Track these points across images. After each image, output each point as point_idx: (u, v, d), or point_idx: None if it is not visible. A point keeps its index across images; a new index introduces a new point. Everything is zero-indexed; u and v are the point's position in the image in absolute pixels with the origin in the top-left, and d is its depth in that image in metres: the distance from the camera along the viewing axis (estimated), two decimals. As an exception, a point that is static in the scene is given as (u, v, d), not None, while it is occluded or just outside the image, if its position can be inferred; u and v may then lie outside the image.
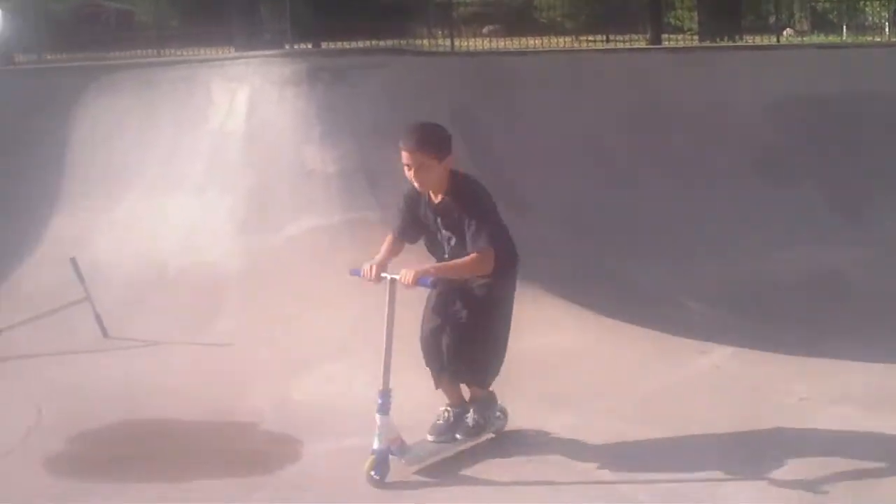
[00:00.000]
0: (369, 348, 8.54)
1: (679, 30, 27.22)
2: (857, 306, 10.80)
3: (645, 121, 13.89)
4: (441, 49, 18.84)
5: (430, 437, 6.65)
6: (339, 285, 9.74)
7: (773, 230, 12.93)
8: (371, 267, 6.46)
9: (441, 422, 6.72)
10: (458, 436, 6.67)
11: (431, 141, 6.31)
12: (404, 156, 6.29)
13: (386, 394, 6.24)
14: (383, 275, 6.39)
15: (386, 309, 6.40)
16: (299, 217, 10.86)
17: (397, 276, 6.22)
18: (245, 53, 14.73)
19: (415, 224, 6.66)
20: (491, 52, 19.06)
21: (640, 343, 8.83)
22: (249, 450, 7.05)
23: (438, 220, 6.50)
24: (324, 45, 18.96)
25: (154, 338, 9.39)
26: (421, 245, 6.77)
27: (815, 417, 6.96)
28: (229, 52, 16.97)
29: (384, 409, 6.22)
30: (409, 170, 6.29)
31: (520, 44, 20.96)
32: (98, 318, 9.51)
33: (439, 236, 6.58)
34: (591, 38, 23.00)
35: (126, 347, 9.34)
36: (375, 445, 6.21)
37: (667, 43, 21.79)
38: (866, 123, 14.89)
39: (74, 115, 12.66)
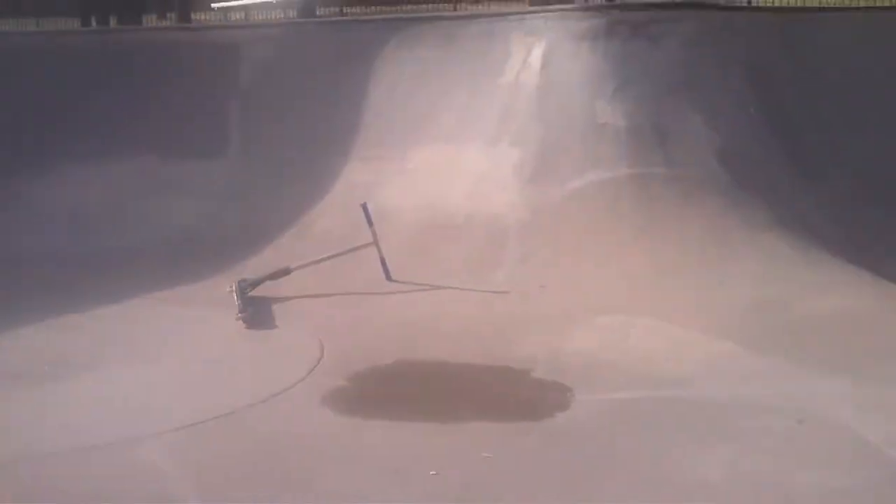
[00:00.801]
0: (645, 304, 8.70)
1: None
2: None
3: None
4: (740, 3, 18.09)
5: None
6: (617, 239, 9.86)
7: None
8: None
9: None
10: None
11: None
12: None
13: None
14: None
15: None
16: (585, 170, 10.82)
17: None
18: (544, 7, 14.71)
19: None
20: (794, 9, 18.21)
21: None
22: (520, 396, 7.18)
23: None
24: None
25: (435, 283, 9.63)
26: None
27: None
28: (525, 6, 16.98)
29: None
30: None
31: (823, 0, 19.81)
32: (383, 262, 9.83)
33: None
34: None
35: (407, 291, 9.62)
36: None
37: None
38: None
39: (375, 67, 12.96)
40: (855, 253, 9.77)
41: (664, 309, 8.51)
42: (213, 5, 18.26)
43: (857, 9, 16.54)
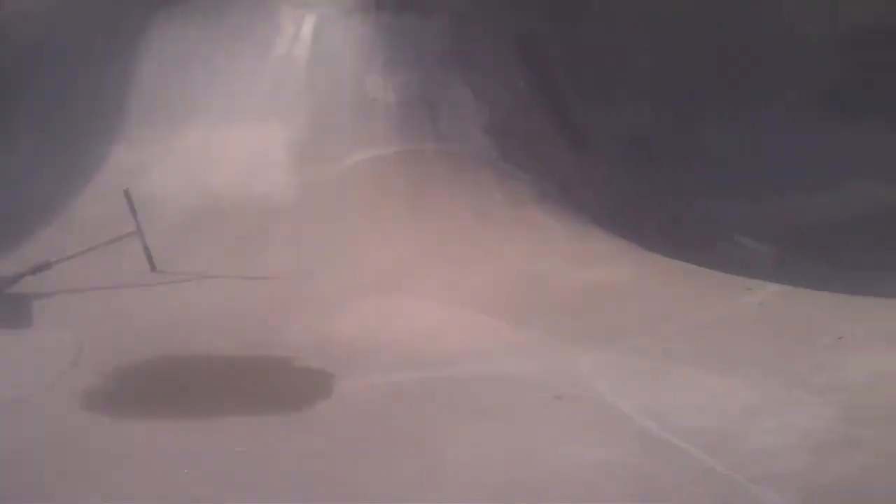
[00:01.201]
0: (413, 283, 8.74)
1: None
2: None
3: (705, 49, 13.50)
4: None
5: None
6: (388, 217, 9.87)
7: (837, 166, 12.55)
8: None
9: None
10: None
11: None
12: None
13: None
14: None
15: None
16: (357, 147, 10.78)
17: None
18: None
19: None
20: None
21: (685, 279, 8.74)
22: (281, 386, 7.13)
23: None
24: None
25: (202, 270, 9.45)
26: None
27: (851, 357, 6.82)
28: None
29: None
30: None
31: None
32: (147, 252, 9.57)
33: None
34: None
35: (173, 281, 9.40)
36: None
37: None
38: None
39: (142, 45, 12.58)
40: (621, 224, 10.06)
41: (431, 287, 8.59)
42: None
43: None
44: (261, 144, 11.07)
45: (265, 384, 7.17)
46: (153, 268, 9.55)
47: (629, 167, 11.63)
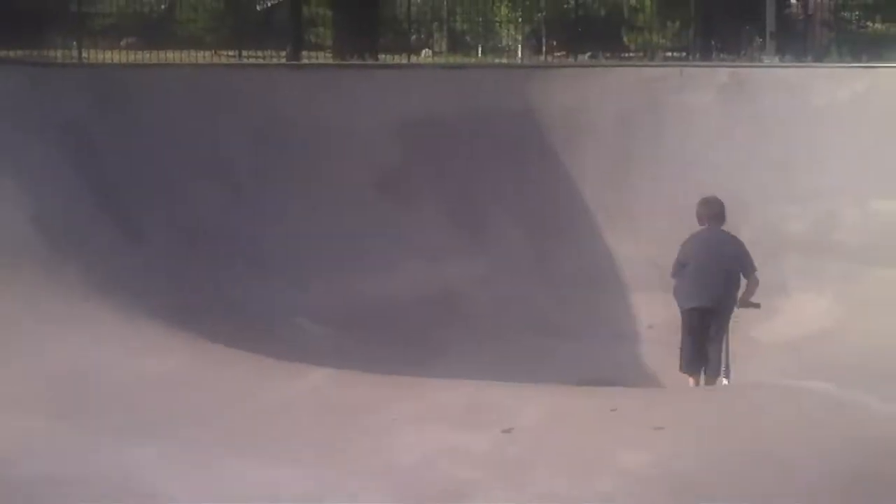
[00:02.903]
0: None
1: (320, 47, 27.10)
2: (468, 322, 11.04)
3: (271, 139, 13.78)
4: (71, 61, 17.82)
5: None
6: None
7: (392, 249, 13.09)
8: None
9: None
10: None
11: None
12: None
13: None
14: None
15: None
16: None
17: None
18: None
19: None
20: (118, 66, 18.25)
21: (242, 366, 8.62)
22: None
23: None
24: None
25: None
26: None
27: (404, 437, 6.96)
28: None
29: None
30: None
31: (157, 57, 20.11)
32: None
33: None
34: (230, 52, 22.53)
35: None
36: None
37: (306, 60, 22.00)
38: (486, 141, 15.28)
39: None
40: (177, 314, 9.86)
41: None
42: None
43: (186, 65, 17.15)
44: None
45: None
46: None
47: (184, 256, 11.52)
